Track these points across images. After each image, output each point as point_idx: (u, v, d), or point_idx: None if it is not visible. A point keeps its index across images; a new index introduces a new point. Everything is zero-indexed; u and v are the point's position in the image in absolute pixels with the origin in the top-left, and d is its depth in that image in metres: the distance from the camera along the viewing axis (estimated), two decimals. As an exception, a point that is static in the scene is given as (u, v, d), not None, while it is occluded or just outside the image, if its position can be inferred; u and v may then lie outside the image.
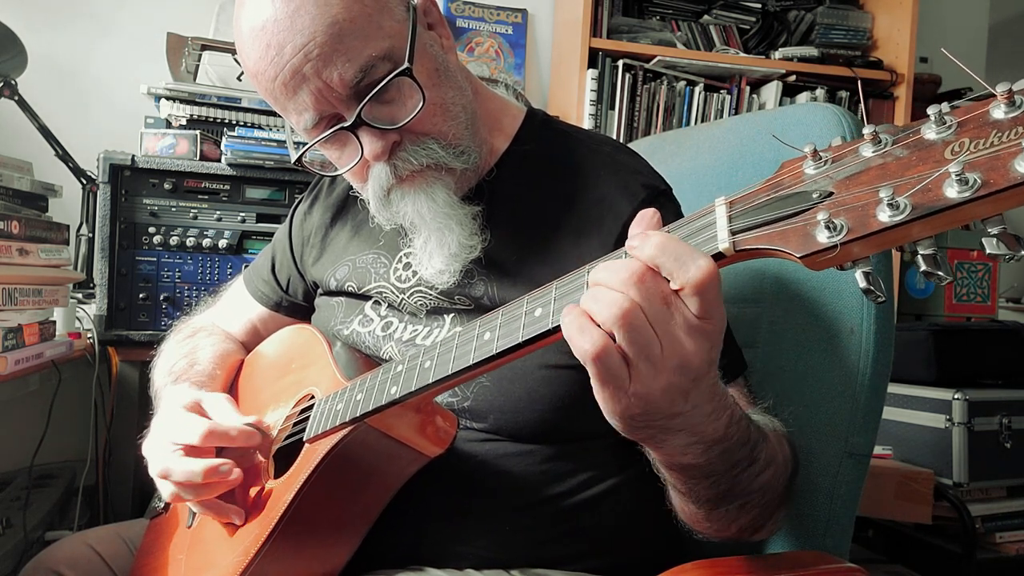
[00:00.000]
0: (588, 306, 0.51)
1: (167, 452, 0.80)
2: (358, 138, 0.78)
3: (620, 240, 0.69)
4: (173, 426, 0.82)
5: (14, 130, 1.96)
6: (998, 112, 0.41)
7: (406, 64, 0.75)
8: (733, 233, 0.49)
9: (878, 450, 2.12)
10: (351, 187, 0.95)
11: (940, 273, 0.43)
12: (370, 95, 0.75)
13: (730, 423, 0.60)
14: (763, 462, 0.66)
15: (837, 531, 0.84)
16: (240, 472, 0.79)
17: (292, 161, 0.83)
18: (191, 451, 0.80)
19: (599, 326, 0.50)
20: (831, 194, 0.45)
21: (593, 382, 0.53)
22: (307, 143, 0.81)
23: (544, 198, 0.87)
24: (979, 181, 0.39)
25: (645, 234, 0.52)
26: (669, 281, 0.50)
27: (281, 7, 0.73)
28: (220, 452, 0.82)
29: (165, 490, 0.81)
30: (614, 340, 0.50)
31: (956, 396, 2.04)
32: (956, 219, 0.41)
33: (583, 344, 0.50)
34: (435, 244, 0.82)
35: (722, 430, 0.59)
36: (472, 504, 0.81)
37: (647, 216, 0.56)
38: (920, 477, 1.96)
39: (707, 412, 0.56)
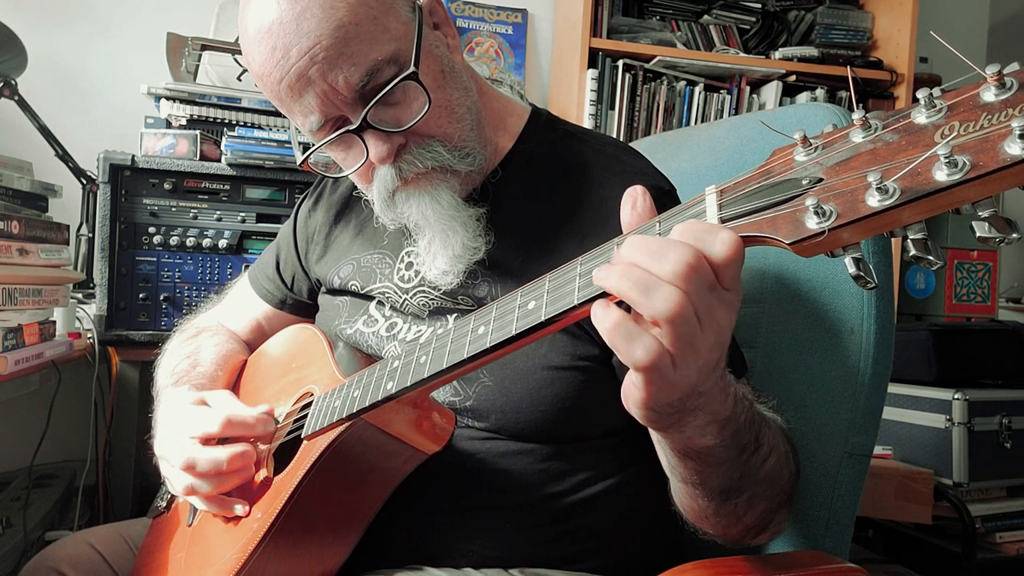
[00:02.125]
0: (633, 298, 0.47)
1: (187, 445, 0.80)
2: (363, 141, 0.77)
3: None
4: (187, 420, 0.82)
5: (14, 130, 1.96)
6: (988, 95, 0.40)
7: (412, 68, 0.74)
8: (723, 221, 0.49)
9: (878, 450, 2.12)
10: (354, 185, 0.95)
11: (930, 258, 0.43)
12: (375, 99, 0.74)
13: (736, 400, 0.59)
14: (767, 447, 0.66)
15: (837, 531, 0.84)
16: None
17: (298, 163, 0.83)
18: (208, 442, 0.81)
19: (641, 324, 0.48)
20: (821, 180, 0.45)
21: (633, 381, 0.51)
22: (312, 144, 0.81)
23: (548, 199, 0.87)
24: (968, 163, 0.39)
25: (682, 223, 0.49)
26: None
27: (287, 9, 0.73)
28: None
29: (182, 482, 0.81)
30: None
31: (956, 396, 2.04)
32: (946, 202, 0.41)
33: (636, 353, 0.48)
34: (439, 245, 0.82)
35: (731, 407, 0.58)
36: (471, 502, 0.81)
37: (639, 192, 0.55)
38: (920, 477, 1.96)
39: (721, 388, 0.56)
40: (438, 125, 0.79)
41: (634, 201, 0.55)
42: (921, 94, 0.42)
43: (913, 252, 0.43)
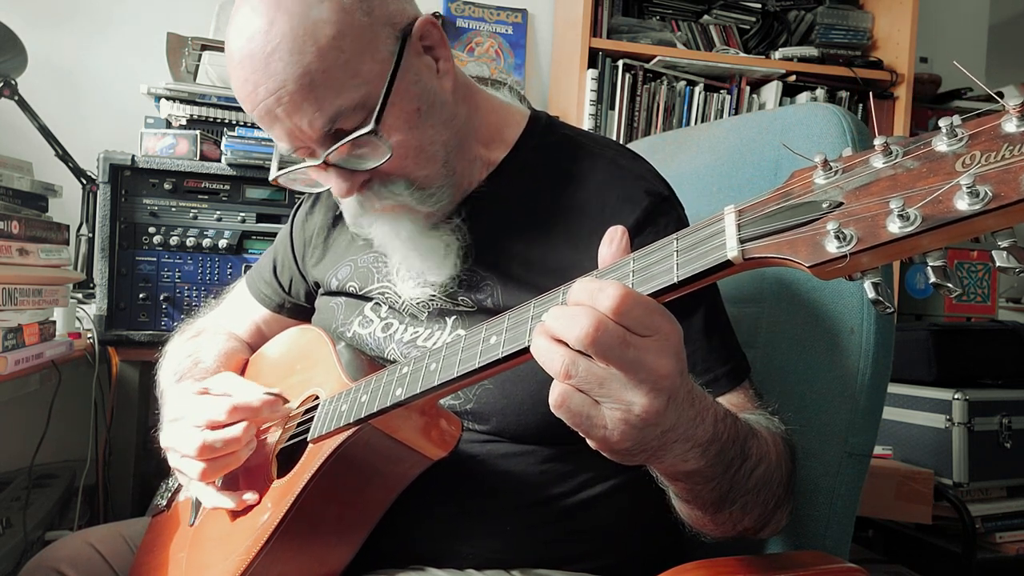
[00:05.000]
0: (537, 357, 0.52)
1: (196, 433, 0.80)
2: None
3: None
4: (193, 410, 0.82)
5: (14, 130, 1.96)
6: (1009, 126, 0.41)
7: (372, 125, 0.75)
8: (742, 241, 0.48)
9: (878, 450, 2.12)
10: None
11: (949, 285, 0.43)
12: (336, 146, 0.76)
13: (716, 421, 0.60)
14: (755, 458, 0.67)
15: (837, 531, 0.84)
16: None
17: (270, 179, 0.87)
18: (215, 428, 0.80)
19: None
20: (841, 204, 0.45)
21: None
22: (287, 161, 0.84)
23: (548, 203, 0.87)
24: (990, 194, 0.39)
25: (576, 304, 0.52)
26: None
27: (259, 44, 0.73)
28: None
29: (195, 469, 0.80)
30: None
31: (956, 396, 2.04)
32: (966, 231, 0.41)
33: (552, 400, 0.52)
34: (405, 270, 0.86)
35: (711, 430, 0.59)
36: (472, 504, 0.81)
37: (618, 234, 0.58)
38: (920, 477, 1.96)
39: (691, 417, 0.57)
40: (403, 167, 0.80)
41: (611, 240, 0.58)
42: (943, 123, 0.43)
43: (933, 279, 0.43)
